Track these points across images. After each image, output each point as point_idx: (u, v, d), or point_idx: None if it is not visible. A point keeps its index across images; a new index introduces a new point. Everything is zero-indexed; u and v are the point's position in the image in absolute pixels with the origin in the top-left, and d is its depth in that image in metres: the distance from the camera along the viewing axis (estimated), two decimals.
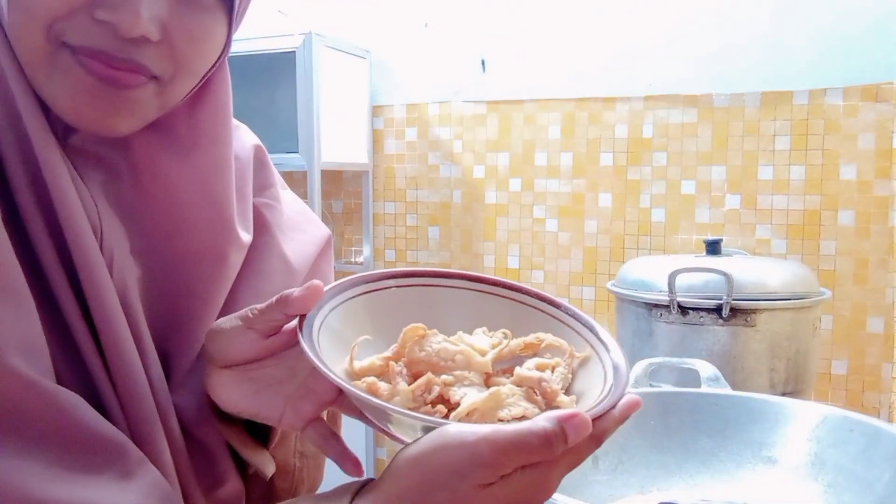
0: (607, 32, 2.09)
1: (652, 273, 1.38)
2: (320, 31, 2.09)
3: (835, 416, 0.78)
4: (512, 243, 2.25)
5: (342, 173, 2.45)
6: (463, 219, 2.31)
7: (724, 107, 1.99)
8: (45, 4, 0.44)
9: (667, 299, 1.31)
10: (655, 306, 1.34)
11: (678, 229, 2.06)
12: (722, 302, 1.27)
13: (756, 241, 1.97)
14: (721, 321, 1.28)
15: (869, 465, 0.72)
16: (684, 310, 1.31)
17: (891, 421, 1.80)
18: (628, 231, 2.11)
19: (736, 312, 1.28)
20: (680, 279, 1.30)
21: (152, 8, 0.45)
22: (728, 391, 0.90)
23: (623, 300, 1.44)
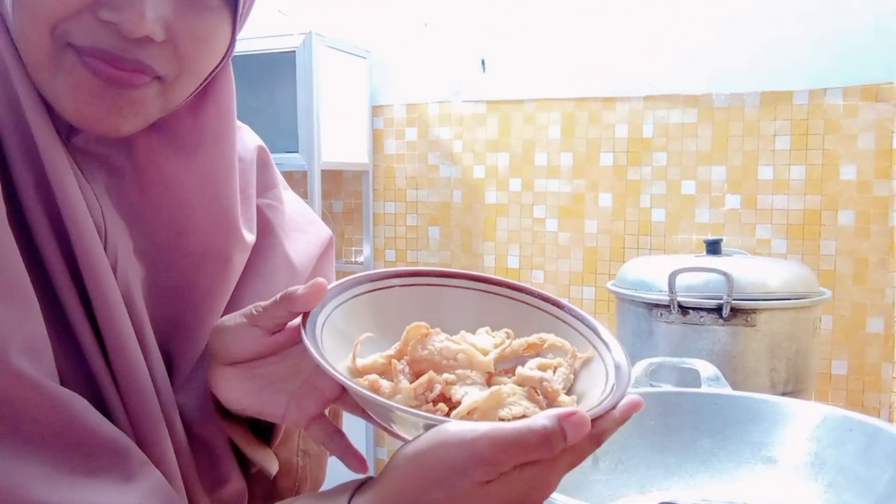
0: (607, 32, 2.09)
1: (652, 273, 1.38)
2: (320, 31, 2.09)
3: (835, 416, 0.78)
4: (512, 243, 2.25)
5: (342, 173, 2.45)
6: (463, 219, 2.31)
7: (724, 107, 1.99)
8: (50, 5, 0.44)
9: (667, 299, 1.31)
10: (655, 306, 1.34)
11: (678, 229, 2.06)
12: (722, 302, 1.27)
13: (756, 241, 1.98)
14: (721, 321, 1.28)
15: (869, 465, 0.72)
16: (684, 310, 1.31)
17: (891, 421, 1.80)
18: (628, 231, 2.11)
19: (736, 312, 1.28)
20: (680, 279, 1.30)
21: (157, 8, 0.45)
22: (728, 391, 0.90)
23: (623, 300, 1.44)
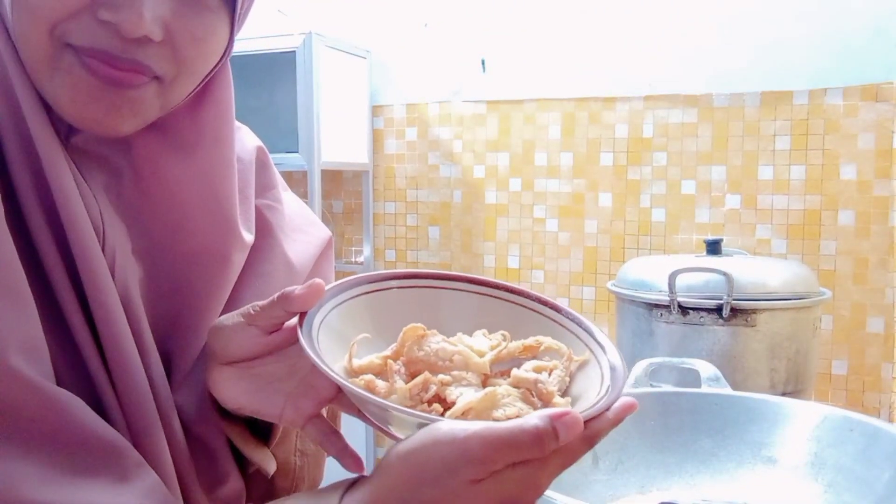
0: (607, 32, 2.09)
1: (652, 273, 1.38)
2: (320, 31, 2.09)
3: (835, 416, 0.78)
4: (512, 243, 2.25)
5: (342, 173, 2.45)
6: (463, 219, 2.31)
7: (724, 107, 1.99)
8: (49, 6, 0.44)
9: (667, 299, 1.31)
10: (656, 306, 1.34)
11: (678, 229, 2.06)
12: (722, 302, 1.27)
13: (756, 241, 1.98)
14: (721, 321, 1.28)
15: (869, 465, 0.72)
16: (684, 310, 1.31)
17: (891, 421, 1.80)
18: (628, 231, 2.11)
19: (736, 312, 1.28)
20: (680, 279, 1.30)
21: (155, 8, 0.45)
22: (728, 391, 0.90)
23: (623, 300, 1.44)
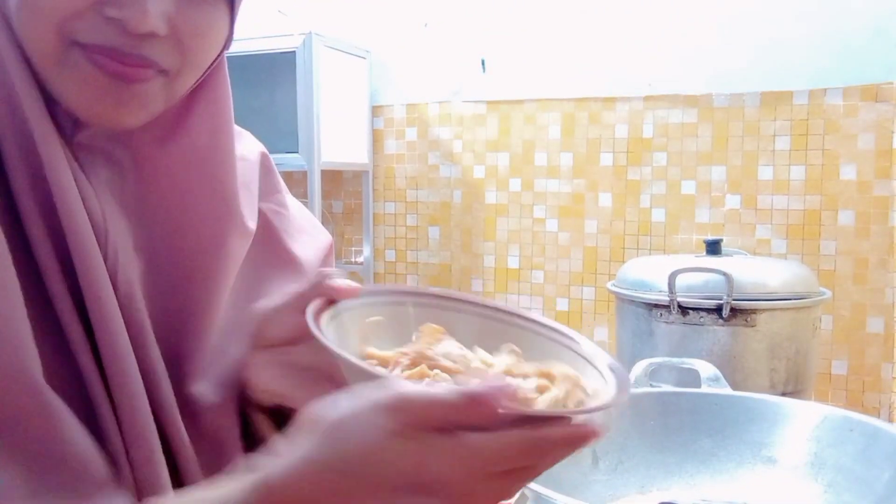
0: (607, 32, 2.09)
1: (652, 273, 1.38)
2: (320, 31, 2.09)
3: (835, 416, 0.78)
4: (512, 243, 2.25)
5: (342, 173, 2.45)
6: (463, 219, 2.31)
7: (724, 107, 1.99)
8: (56, 4, 0.45)
9: (667, 299, 1.31)
10: (655, 306, 1.34)
11: (678, 229, 2.06)
12: (722, 302, 1.27)
13: (756, 241, 1.98)
14: (721, 321, 1.28)
15: (869, 465, 0.72)
16: (684, 310, 1.31)
17: (891, 421, 1.80)
18: (628, 231, 2.11)
19: (736, 312, 1.28)
20: (680, 279, 1.30)
21: (159, 4, 0.46)
22: (728, 391, 0.90)
23: (623, 300, 1.44)
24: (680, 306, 1.31)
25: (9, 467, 0.42)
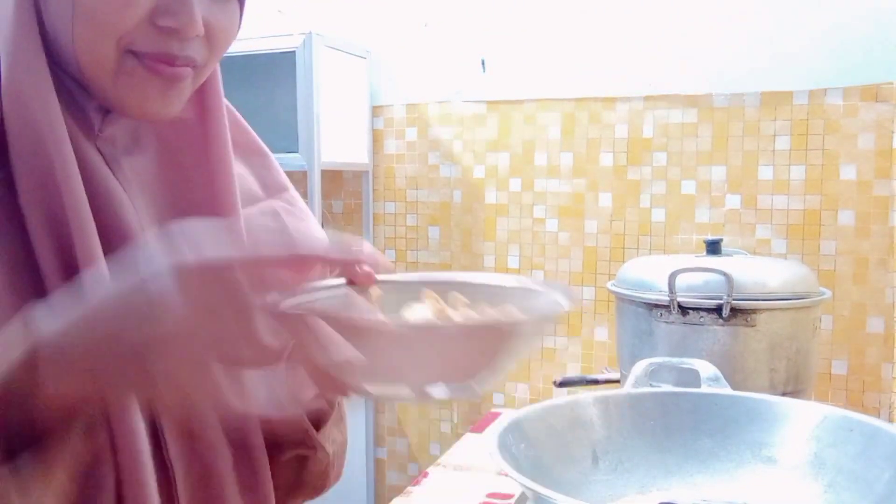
0: (607, 32, 2.09)
1: (652, 273, 1.38)
2: (320, 31, 2.09)
3: (835, 416, 0.78)
4: (512, 243, 2.25)
5: (342, 173, 2.45)
6: (463, 219, 2.31)
7: (724, 107, 1.99)
8: (115, 21, 0.50)
9: (667, 299, 1.31)
10: (655, 306, 1.34)
11: (678, 229, 2.06)
12: (722, 302, 1.27)
13: (756, 241, 1.98)
14: (721, 321, 1.28)
15: (869, 465, 0.72)
16: (684, 310, 1.31)
17: (891, 421, 1.80)
18: (628, 231, 2.11)
19: (736, 312, 1.28)
20: (680, 279, 1.30)
21: (201, 9, 0.52)
22: (728, 391, 0.90)
23: (623, 300, 1.44)
24: (680, 306, 1.31)
25: None
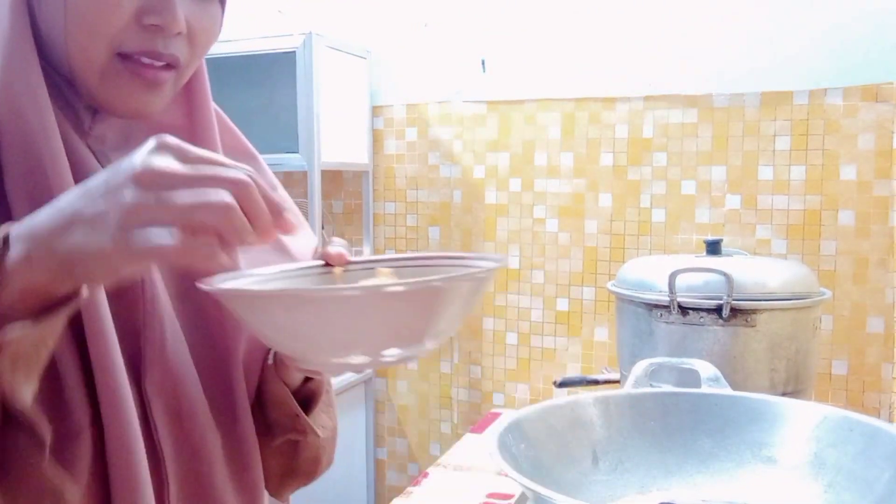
0: (607, 32, 2.09)
1: (652, 273, 1.38)
2: (320, 31, 2.09)
3: (835, 416, 0.78)
4: (512, 243, 2.25)
5: (342, 173, 2.45)
6: (463, 219, 2.31)
7: (724, 107, 1.99)
8: (106, 22, 0.54)
9: (667, 299, 1.31)
10: (655, 306, 1.34)
11: (678, 229, 2.06)
12: (722, 302, 1.27)
13: (756, 242, 1.98)
14: (721, 321, 1.28)
15: (869, 465, 0.72)
16: (684, 310, 1.31)
17: (891, 421, 1.80)
18: (628, 231, 2.11)
19: (736, 312, 1.28)
20: (680, 279, 1.30)
21: (183, 7, 0.56)
22: (728, 391, 0.90)
23: (623, 300, 1.44)
24: (680, 306, 1.31)
25: None
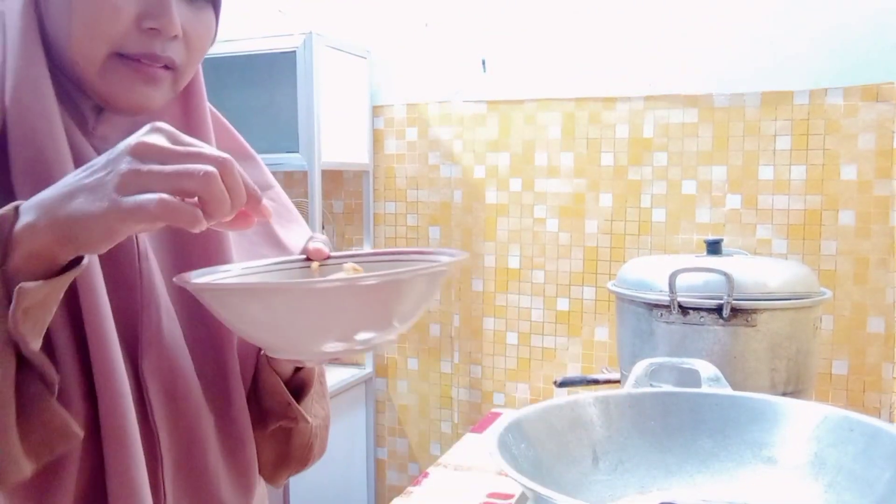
0: (607, 32, 2.09)
1: (652, 273, 1.38)
2: (320, 31, 2.09)
3: (835, 416, 0.78)
4: (512, 243, 2.25)
5: (343, 173, 2.45)
6: (463, 219, 2.31)
7: (725, 107, 1.99)
8: (108, 27, 0.59)
9: (667, 299, 1.31)
10: (656, 306, 1.34)
11: (679, 229, 2.06)
12: (722, 302, 1.27)
13: (757, 241, 1.97)
14: (721, 321, 1.28)
15: (869, 465, 0.72)
16: (685, 310, 1.31)
17: (891, 421, 1.80)
18: (629, 231, 2.11)
19: (736, 312, 1.28)
20: (680, 279, 1.30)
21: (179, 12, 0.61)
22: (728, 391, 0.90)
23: (623, 300, 1.44)
24: (680, 306, 1.31)
25: None
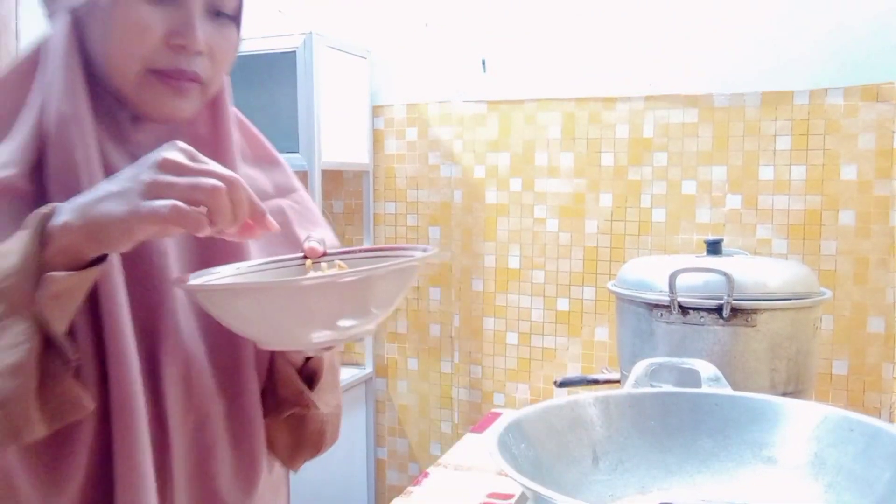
0: (607, 32, 2.09)
1: (652, 273, 1.38)
2: (320, 31, 2.09)
3: (835, 416, 0.78)
4: (512, 243, 2.25)
5: (343, 173, 2.45)
6: (463, 219, 2.31)
7: (725, 107, 1.99)
8: (141, 44, 0.65)
9: (667, 299, 1.31)
10: (656, 306, 1.34)
11: (679, 229, 2.05)
12: (722, 302, 1.27)
13: (757, 241, 1.97)
14: (721, 321, 1.28)
15: (869, 465, 0.72)
16: (685, 310, 1.31)
17: (891, 421, 1.80)
18: (629, 231, 2.11)
19: (736, 312, 1.28)
20: (680, 279, 1.30)
21: (203, 30, 0.66)
22: (728, 391, 0.90)
23: (623, 300, 1.44)
24: (680, 306, 1.31)
25: None
